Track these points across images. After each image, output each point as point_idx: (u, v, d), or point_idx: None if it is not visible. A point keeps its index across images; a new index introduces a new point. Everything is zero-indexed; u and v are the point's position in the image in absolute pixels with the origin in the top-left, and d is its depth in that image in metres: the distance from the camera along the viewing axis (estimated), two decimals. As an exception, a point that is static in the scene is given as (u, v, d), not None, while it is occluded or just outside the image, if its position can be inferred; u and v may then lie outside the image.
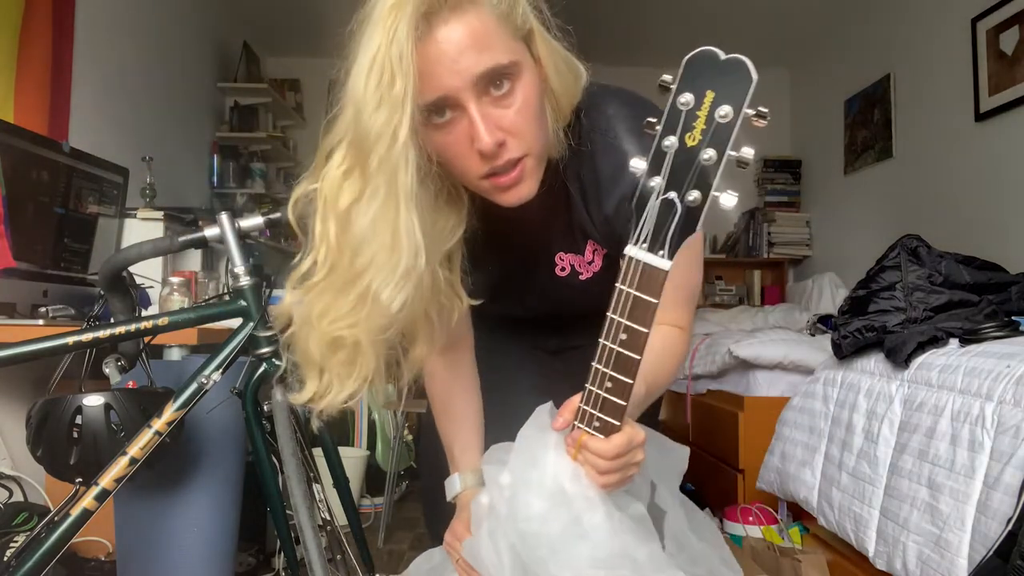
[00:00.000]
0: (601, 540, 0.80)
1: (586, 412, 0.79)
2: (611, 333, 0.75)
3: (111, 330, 1.20)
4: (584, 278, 1.08)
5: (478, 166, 0.85)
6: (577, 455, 0.81)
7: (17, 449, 2.01)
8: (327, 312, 0.86)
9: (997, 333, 1.72)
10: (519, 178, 0.86)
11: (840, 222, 4.45)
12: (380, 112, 0.77)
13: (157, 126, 3.45)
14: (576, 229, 1.03)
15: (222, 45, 4.33)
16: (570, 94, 0.92)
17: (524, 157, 0.85)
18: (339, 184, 0.83)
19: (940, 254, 2.09)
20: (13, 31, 2.31)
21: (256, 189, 4.32)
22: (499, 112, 0.82)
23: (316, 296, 0.86)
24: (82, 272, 2.14)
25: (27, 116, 2.31)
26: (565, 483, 0.82)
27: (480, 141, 0.81)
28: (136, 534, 1.67)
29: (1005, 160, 3.04)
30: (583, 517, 0.81)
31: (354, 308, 0.85)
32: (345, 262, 0.84)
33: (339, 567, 1.39)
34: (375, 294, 0.83)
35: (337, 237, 0.84)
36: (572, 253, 1.07)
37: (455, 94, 0.80)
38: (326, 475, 1.41)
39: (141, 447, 1.19)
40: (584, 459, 0.81)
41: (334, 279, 0.85)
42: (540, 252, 1.08)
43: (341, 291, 0.85)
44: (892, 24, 3.87)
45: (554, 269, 1.09)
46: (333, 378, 0.89)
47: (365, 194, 0.81)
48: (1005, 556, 1.29)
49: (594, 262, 1.07)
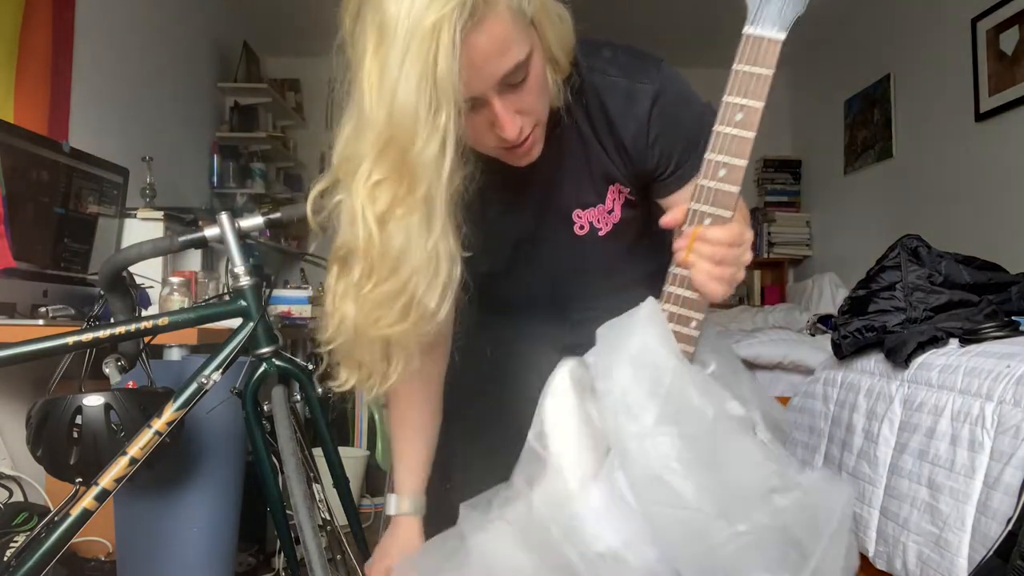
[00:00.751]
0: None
1: (696, 212, 0.82)
2: (725, 116, 0.79)
3: (111, 330, 1.20)
4: (603, 233, 1.08)
5: (495, 141, 0.90)
6: (691, 250, 0.81)
7: (17, 449, 2.01)
8: (373, 316, 0.88)
9: (997, 333, 1.72)
10: (530, 146, 0.92)
11: (840, 222, 4.46)
12: (430, 145, 0.78)
13: (157, 126, 3.45)
14: (596, 171, 1.04)
15: (222, 45, 4.33)
16: (567, 49, 0.94)
17: (535, 127, 0.90)
18: (372, 194, 0.83)
19: (940, 254, 2.09)
20: (13, 31, 2.31)
21: (256, 189, 4.33)
22: (515, 97, 0.86)
23: (360, 306, 0.88)
24: (82, 272, 2.14)
25: (27, 116, 2.31)
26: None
27: (505, 131, 0.86)
28: (136, 534, 1.67)
29: (1005, 160, 3.04)
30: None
31: (400, 315, 0.87)
32: (385, 271, 0.85)
33: (339, 567, 1.39)
34: (419, 302, 0.85)
35: (377, 249, 0.85)
36: (591, 208, 1.07)
37: (481, 95, 0.83)
38: (326, 475, 1.41)
39: (141, 447, 1.19)
40: (699, 254, 0.81)
41: (378, 287, 0.86)
42: (556, 213, 1.08)
43: (386, 301, 0.86)
44: (892, 24, 3.87)
45: (572, 228, 1.08)
46: (375, 372, 0.92)
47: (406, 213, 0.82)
48: (1005, 556, 1.29)
49: (614, 211, 1.07)
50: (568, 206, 1.07)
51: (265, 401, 1.30)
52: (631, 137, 1.00)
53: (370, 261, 0.85)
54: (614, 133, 1.00)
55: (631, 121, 0.99)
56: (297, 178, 4.91)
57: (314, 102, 4.96)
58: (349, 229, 0.85)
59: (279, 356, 1.27)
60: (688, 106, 1.01)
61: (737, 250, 0.81)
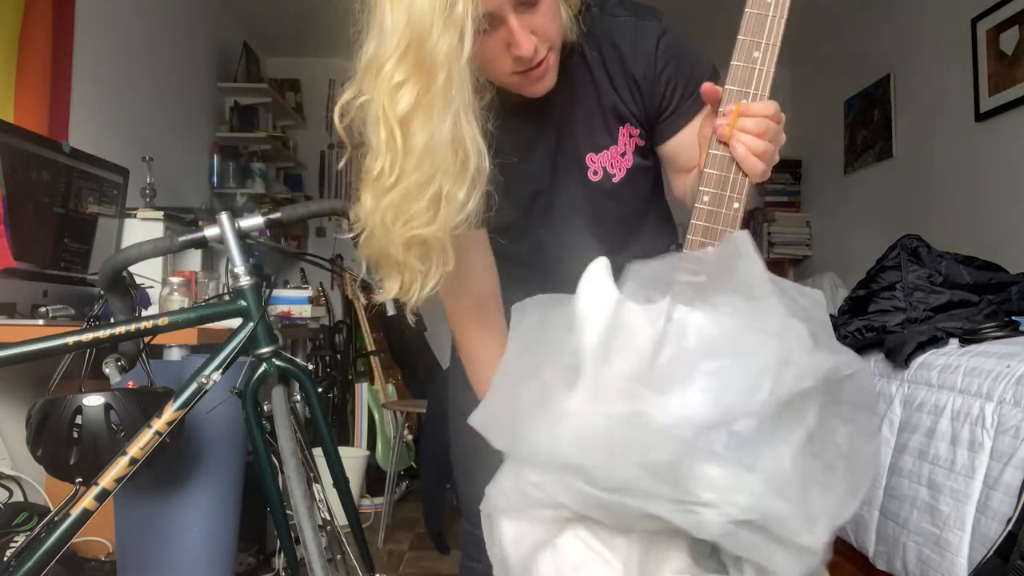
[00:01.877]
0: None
1: (732, 92, 0.84)
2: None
3: (111, 330, 1.20)
4: (617, 180, 1.10)
5: (510, 65, 0.94)
6: (734, 125, 0.83)
7: (17, 449, 2.01)
8: (401, 215, 0.89)
9: (997, 333, 1.72)
10: (544, 71, 0.96)
11: (840, 222, 4.45)
12: (445, 36, 0.82)
13: (157, 126, 3.45)
14: (607, 110, 1.07)
15: (222, 45, 4.33)
16: None
17: (548, 52, 0.95)
18: (395, 95, 0.86)
19: (940, 254, 2.09)
20: (13, 31, 2.31)
21: (256, 189, 4.32)
22: (529, 18, 0.91)
23: (389, 201, 0.89)
24: (82, 272, 2.14)
25: (27, 116, 2.31)
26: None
27: (520, 48, 0.90)
28: (136, 534, 1.67)
29: (1005, 160, 3.04)
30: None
31: (428, 209, 0.88)
32: (411, 167, 0.87)
33: (339, 567, 1.39)
34: (448, 196, 0.88)
35: (400, 146, 0.87)
36: (604, 151, 1.09)
37: (498, 11, 0.88)
38: (326, 475, 1.41)
39: (141, 447, 1.19)
40: (743, 127, 0.83)
41: (405, 184, 0.88)
42: (570, 158, 1.10)
43: (414, 195, 0.88)
44: (892, 24, 3.87)
45: (586, 173, 1.10)
46: (415, 275, 0.93)
47: (428, 107, 0.85)
48: (1005, 556, 1.29)
49: (626, 155, 1.09)
50: (581, 150, 1.09)
51: (265, 401, 1.30)
52: (641, 70, 1.04)
53: (394, 158, 0.88)
54: (625, 69, 1.05)
55: (640, 56, 1.04)
56: (297, 178, 4.91)
57: (314, 102, 4.95)
58: (373, 133, 0.88)
59: (279, 356, 1.27)
60: (690, 45, 1.08)
61: (776, 127, 0.83)
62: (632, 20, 1.05)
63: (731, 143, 0.83)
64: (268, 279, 1.29)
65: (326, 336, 3.94)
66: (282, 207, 1.33)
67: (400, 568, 2.65)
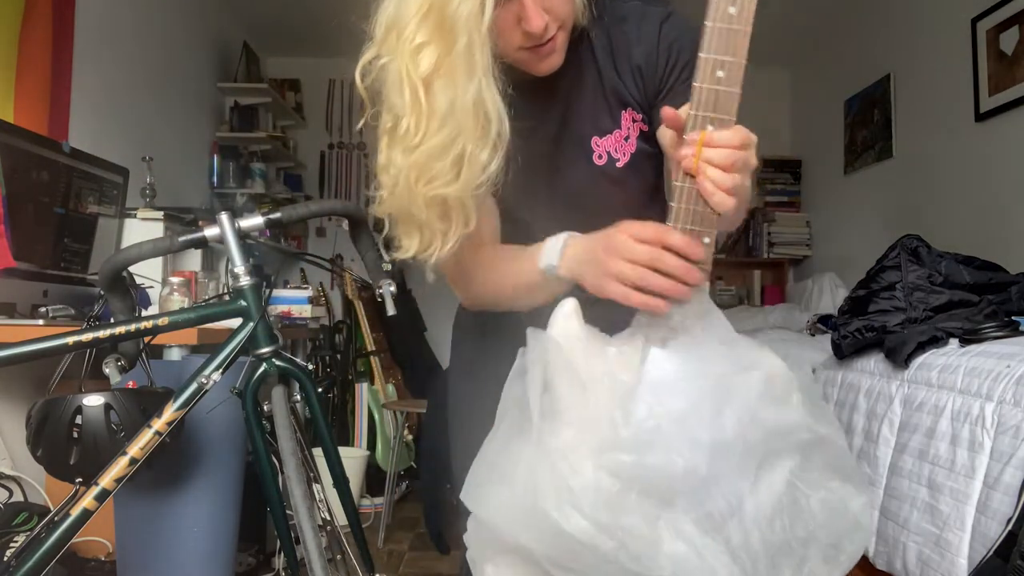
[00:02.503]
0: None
1: (697, 117, 0.78)
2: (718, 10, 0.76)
3: (111, 330, 1.20)
4: (621, 164, 1.09)
5: (520, 40, 0.94)
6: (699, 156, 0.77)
7: (17, 449, 2.01)
8: (425, 174, 0.90)
9: (997, 333, 1.72)
10: (553, 49, 0.96)
11: (840, 222, 4.45)
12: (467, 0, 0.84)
13: (157, 126, 3.45)
14: (609, 94, 1.07)
15: (222, 45, 4.33)
16: None
17: (558, 31, 0.95)
18: (416, 56, 0.87)
19: (940, 254, 2.09)
20: (13, 31, 2.31)
21: (256, 189, 4.32)
22: None
23: (414, 160, 0.91)
24: (82, 272, 2.14)
25: (27, 116, 2.31)
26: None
27: (531, 24, 0.91)
28: (136, 534, 1.67)
29: (1005, 160, 3.04)
30: None
31: (451, 169, 0.90)
32: (435, 127, 0.89)
33: (339, 567, 1.39)
34: (471, 157, 0.89)
35: (424, 106, 0.88)
36: (608, 135, 1.09)
37: None
38: (326, 475, 1.41)
39: (141, 447, 1.19)
40: (707, 159, 0.77)
41: (430, 144, 0.89)
42: (575, 140, 1.09)
43: (437, 155, 0.89)
44: (892, 24, 3.87)
45: (591, 157, 1.09)
46: (435, 234, 0.94)
47: (450, 70, 0.87)
48: (1005, 556, 1.29)
49: (630, 139, 1.09)
50: (586, 133, 1.09)
51: (265, 401, 1.30)
52: (643, 54, 1.05)
53: (419, 117, 0.89)
54: (630, 53, 1.05)
55: (645, 39, 1.05)
56: (297, 178, 4.91)
57: (314, 102, 4.95)
58: (395, 94, 0.89)
59: (279, 356, 1.27)
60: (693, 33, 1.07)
61: (743, 154, 0.78)
62: (639, 6, 1.06)
63: (698, 178, 0.79)
64: (268, 279, 1.29)
65: (326, 336, 3.94)
66: (282, 207, 1.33)
67: (400, 568, 2.65)
